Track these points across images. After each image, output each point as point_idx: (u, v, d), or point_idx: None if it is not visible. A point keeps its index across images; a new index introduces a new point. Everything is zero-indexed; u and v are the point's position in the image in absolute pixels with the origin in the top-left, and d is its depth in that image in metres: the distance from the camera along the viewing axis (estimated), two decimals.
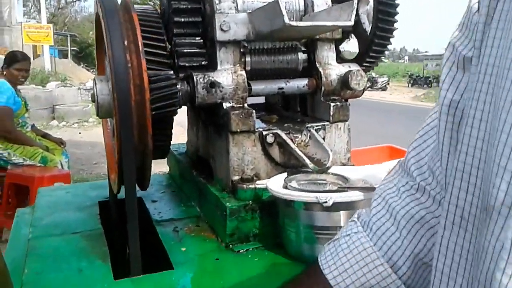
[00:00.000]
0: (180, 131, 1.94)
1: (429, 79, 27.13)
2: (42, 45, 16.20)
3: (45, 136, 3.93)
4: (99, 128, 5.27)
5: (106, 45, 0.88)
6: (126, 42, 0.89)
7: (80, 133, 8.85)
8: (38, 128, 4.24)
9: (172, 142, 1.18)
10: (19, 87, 3.71)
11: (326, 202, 0.91)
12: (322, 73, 1.25)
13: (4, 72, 3.59)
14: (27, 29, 14.89)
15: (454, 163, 0.47)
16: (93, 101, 1.04)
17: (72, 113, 9.99)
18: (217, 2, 1.14)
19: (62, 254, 1.02)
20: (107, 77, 1.02)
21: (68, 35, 25.08)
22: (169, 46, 1.17)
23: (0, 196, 3.59)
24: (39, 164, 3.53)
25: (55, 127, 9.41)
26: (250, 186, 1.10)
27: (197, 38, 1.18)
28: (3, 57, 3.80)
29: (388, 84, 25.66)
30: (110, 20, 0.89)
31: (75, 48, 26.25)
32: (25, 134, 3.60)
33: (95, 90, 1.02)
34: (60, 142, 3.92)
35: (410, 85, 28.04)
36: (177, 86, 1.08)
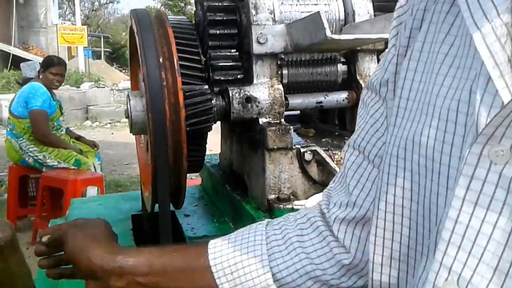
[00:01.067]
0: None
1: None
2: (77, 47, 16.61)
3: (79, 138, 3.99)
4: None
5: (141, 63, 0.85)
6: (161, 59, 0.85)
7: (112, 133, 9.00)
8: (72, 128, 4.30)
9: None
10: (54, 91, 3.78)
11: None
12: (363, 85, 1.18)
13: (40, 76, 3.66)
14: (62, 31, 15.29)
15: None
16: (126, 117, 1.01)
17: (105, 114, 10.17)
18: (253, 13, 1.10)
19: None
20: (141, 93, 0.99)
21: (102, 36, 25.62)
22: (204, 59, 1.13)
23: (35, 198, 3.67)
24: (73, 167, 3.57)
25: (88, 127, 9.61)
26: (287, 206, 1.05)
27: (232, 51, 1.14)
28: (41, 59, 3.87)
29: None
30: (145, 36, 0.86)
31: (108, 49, 26.81)
32: (59, 137, 3.66)
33: (128, 106, 0.99)
34: (93, 145, 3.97)
35: None
36: (212, 102, 1.05)
